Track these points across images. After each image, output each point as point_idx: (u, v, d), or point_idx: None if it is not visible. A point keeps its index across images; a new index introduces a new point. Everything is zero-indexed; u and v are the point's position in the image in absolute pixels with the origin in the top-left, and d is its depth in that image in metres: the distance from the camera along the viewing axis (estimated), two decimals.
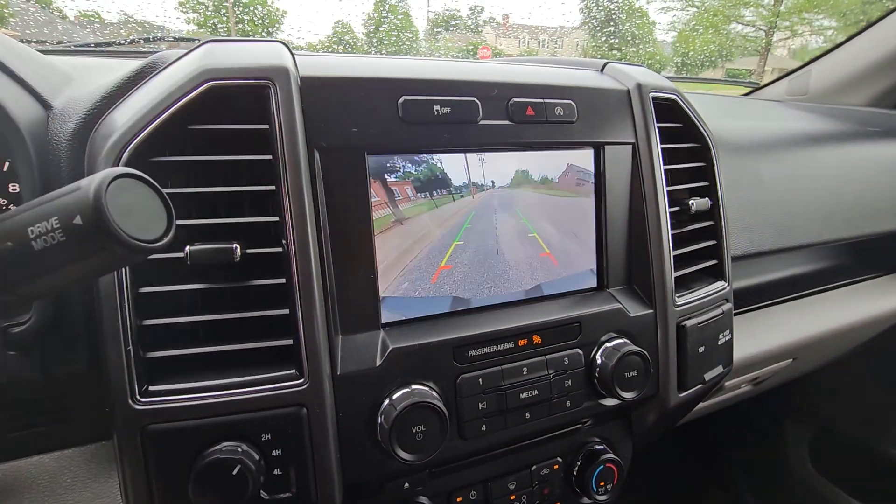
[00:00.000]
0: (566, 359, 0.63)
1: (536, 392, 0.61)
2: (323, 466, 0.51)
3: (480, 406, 0.58)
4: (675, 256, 0.73)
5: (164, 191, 0.37)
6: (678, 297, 0.72)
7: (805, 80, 1.62)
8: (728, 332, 0.78)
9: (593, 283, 0.71)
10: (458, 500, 0.65)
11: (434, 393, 0.55)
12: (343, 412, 0.53)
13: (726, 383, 1.00)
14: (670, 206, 0.72)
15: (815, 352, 1.11)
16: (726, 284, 0.79)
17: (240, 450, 0.47)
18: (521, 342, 0.61)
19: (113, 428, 0.48)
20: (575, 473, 0.72)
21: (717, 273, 0.79)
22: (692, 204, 0.74)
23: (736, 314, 1.01)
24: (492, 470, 0.67)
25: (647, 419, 0.76)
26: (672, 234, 0.72)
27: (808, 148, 1.06)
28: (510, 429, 0.61)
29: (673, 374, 0.71)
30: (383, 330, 0.57)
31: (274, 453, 0.50)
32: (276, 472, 0.50)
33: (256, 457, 0.48)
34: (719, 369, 0.77)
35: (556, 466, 0.71)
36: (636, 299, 0.71)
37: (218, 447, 0.47)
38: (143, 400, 0.47)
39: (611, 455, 0.72)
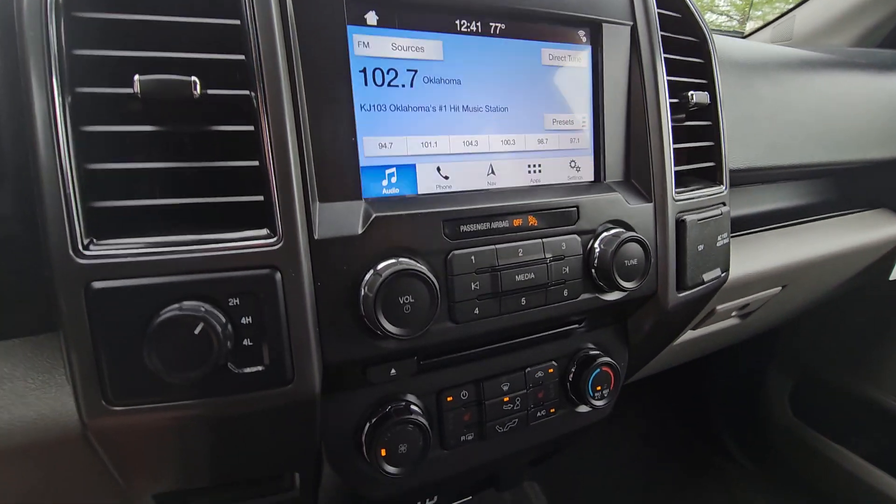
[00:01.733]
0: (563, 244, 0.59)
1: (533, 276, 0.57)
2: (299, 340, 0.46)
3: (473, 286, 0.54)
4: (674, 151, 0.69)
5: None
6: (677, 193, 0.68)
7: (789, 25, 1.61)
8: (725, 235, 0.75)
9: (590, 176, 0.67)
10: (449, 399, 0.61)
11: (424, 266, 0.50)
12: (322, 281, 0.47)
13: (718, 307, 0.98)
14: (670, 97, 0.68)
15: (804, 280, 1.10)
16: (724, 188, 0.76)
17: (203, 309, 0.41)
18: (516, 222, 0.57)
19: (52, 290, 0.41)
20: (570, 379, 0.69)
21: (714, 176, 0.76)
22: (692, 96, 0.70)
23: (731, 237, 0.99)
24: (484, 369, 0.63)
25: (643, 325, 0.73)
26: (672, 127, 0.68)
27: (801, 72, 1.04)
28: (504, 316, 0.56)
29: (672, 272, 0.68)
30: (366, 202, 0.52)
31: (243, 321, 0.44)
32: (245, 342, 0.44)
33: (223, 319, 0.42)
34: (717, 272, 0.74)
35: (552, 370, 0.68)
36: (634, 193, 0.67)
37: (176, 305, 0.41)
38: (87, 254, 0.41)
39: (607, 359, 0.69)
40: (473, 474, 0.68)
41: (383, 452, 0.54)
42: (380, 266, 0.49)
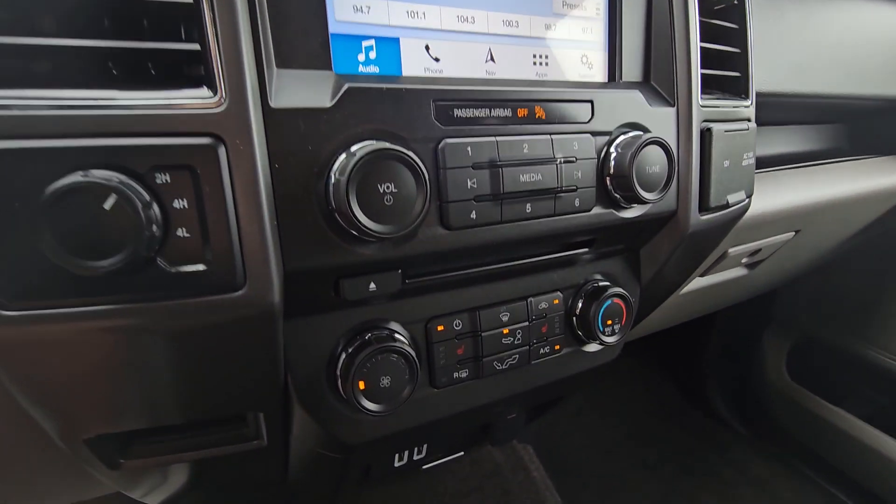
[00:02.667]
0: (576, 143, 0.50)
1: (540, 177, 0.47)
2: (251, 235, 0.36)
3: (469, 183, 0.44)
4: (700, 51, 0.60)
5: None
6: (702, 98, 0.59)
7: None
8: (751, 154, 0.66)
9: (603, 76, 0.57)
10: (439, 328, 0.52)
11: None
12: (280, 163, 0.37)
13: (730, 250, 0.90)
14: None
15: (818, 225, 1.03)
16: (750, 102, 0.67)
17: (117, 180, 0.31)
18: (521, 112, 0.47)
19: None
20: (577, 312, 0.60)
21: (739, 89, 0.67)
22: None
23: None
24: (480, 296, 0.54)
25: (658, 256, 0.64)
26: (700, 22, 0.59)
27: None
28: (506, 225, 0.47)
29: (694, 190, 0.59)
30: (338, 76, 0.42)
31: (177, 204, 0.34)
32: (180, 233, 0.35)
33: (147, 197, 0.32)
34: (741, 195, 0.65)
35: (556, 301, 0.59)
36: (655, 95, 0.57)
37: (80, 173, 0.31)
38: None
39: (619, 289, 0.60)
40: (467, 420, 0.60)
41: (361, 385, 0.45)
42: (354, 147, 0.39)
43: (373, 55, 0.45)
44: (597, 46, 0.56)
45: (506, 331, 0.55)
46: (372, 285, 0.44)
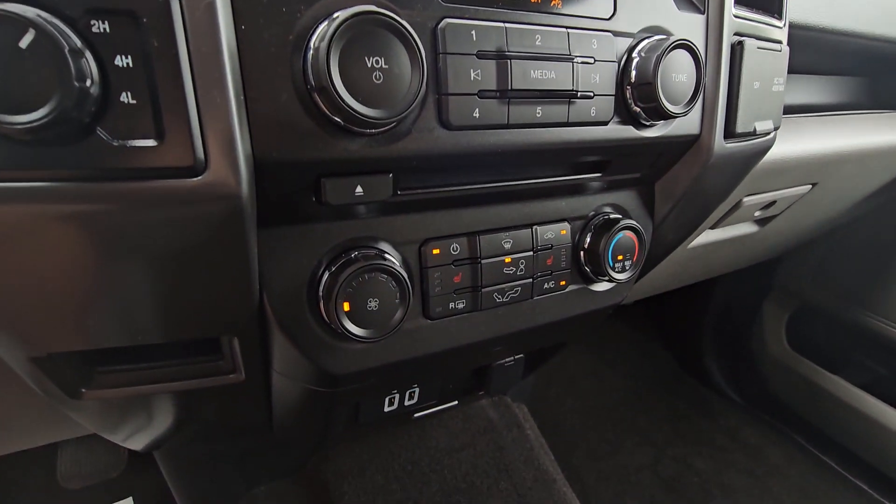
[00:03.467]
0: (594, 41, 0.43)
1: (554, 74, 0.41)
2: (213, 107, 0.30)
3: (473, 74, 0.38)
4: None
5: None
6: (735, 8, 0.53)
7: None
8: (782, 80, 0.60)
9: None
10: (435, 252, 0.47)
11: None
12: (248, 24, 0.31)
13: (744, 199, 0.85)
14: None
15: (835, 178, 0.98)
16: (783, 24, 0.61)
17: (34, 13, 0.25)
18: None
19: None
20: (586, 246, 0.55)
21: (772, 6, 0.60)
22: None
23: None
24: (481, 219, 0.49)
25: (676, 188, 0.59)
26: None
27: None
28: (513, 130, 0.41)
29: (721, 110, 0.53)
30: None
31: (119, 62, 0.28)
32: (124, 98, 0.28)
33: (77, 43, 0.26)
34: (769, 125, 0.59)
35: (564, 232, 0.54)
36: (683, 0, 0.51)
37: None
38: None
39: (631, 221, 0.55)
40: (462, 358, 0.55)
41: (346, 307, 0.40)
42: (337, 12, 0.32)
43: None
44: None
45: (508, 259, 0.50)
46: (359, 189, 0.38)
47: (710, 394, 1.81)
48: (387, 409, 0.65)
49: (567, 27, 0.42)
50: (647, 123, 0.49)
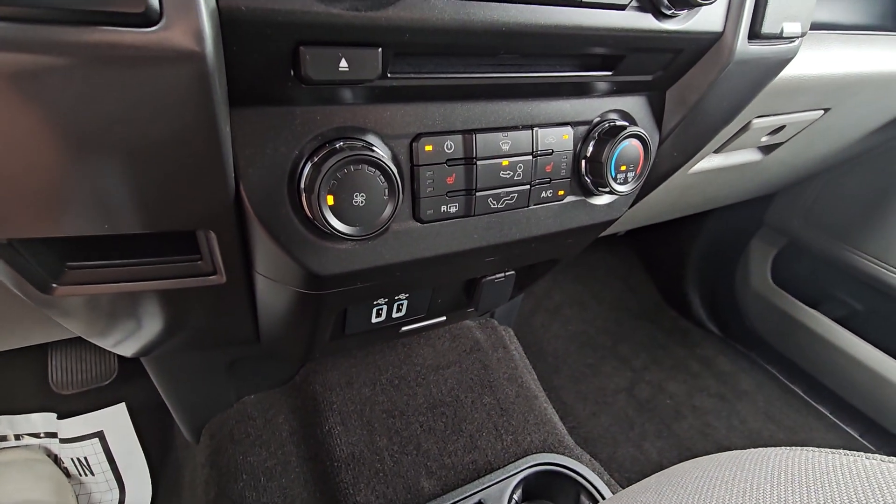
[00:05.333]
0: None
1: None
2: None
3: None
4: None
5: None
6: None
7: None
8: None
9: None
10: (427, 148, 0.43)
11: None
12: None
13: (754, 121, 0.81)
14: None
15: (852, 103, 0.93)
16: None
17: None
18: None
19: None
20: (588, 155, 0.52)
21: None
22: None
23: None
24: (478, 115, 0.45)
25: (690, 95, 0.55)
26: None
27: None
28: (521, 4, 0.36)
29: (749, 6, 0.48)
30: None
31: None
32: None
33: None
34: (797, 27, 0.54)
35: (566, 137, 0.50)
36: None
37: None
38: None
39: (637, 129, 0.51)
40: (453, 266, 0.53)
41: (330, 200, 0.37)
42: None
43: None
44: None
45: (505, 162, 0.47)
46: (343, 63, 0.34)
47: (689, 325, 1.86)
48: (374, 319, 0.64)
49: None
50: (669, 13, 0.44)
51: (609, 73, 0.49)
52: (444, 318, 0.75)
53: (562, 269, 1.93)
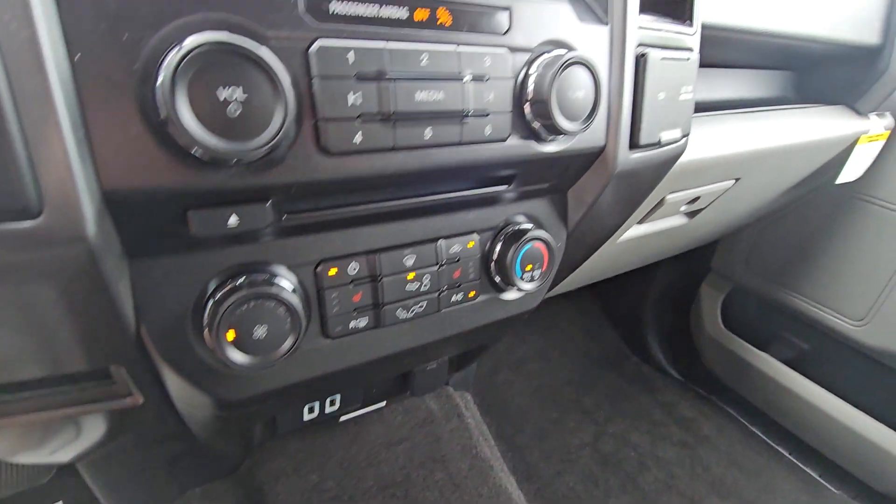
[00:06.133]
0: (488, 58, 0.43)
1: (442, 95, 0.40)
2: (42, 140, 0.28)
3: (352, 98, 0.37)
4: None
5: None
6: (641, 17, 0.53)
7: None
8: (690, 88, 0.61)
9: None
10: (332, 273, 0.46)
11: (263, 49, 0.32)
12: (85, 52, 0.29)
13: (668, 197, 0.87)
14: None
15: (758, 173, 1.02)
16: (694, 29, 0.61)
17: None
18: (421, 14, 0.39)
19: None
20: (495, 257, 0.55)
21: (682, 13, 0.61)
22: None
23: None
24: (381, 236, 0.48)
25: (586, 197, 0.60)
26: None
27: None
28: (401, 153, 0.40)
29: (625, 123, 0.54)
30: None
31: None
32: None
33: None
34: (676, 133, 0.61)
35: (472, 244, 0.54)
36: (587, 11, 0.50)
37: None
38: None
39: (540, 232, 0.55)
40: (372, 373, 0.55)
41: (231, 336, 0.39)
42: (189, 39, 0.30)
43: None
44: None
45: (411, 276, 0.50)
46: (233, 219, 0.37)
47: (651, 371, 1.90)
48: (307, 416, 0.65)
49: (458, 43, 0.41)
50: (549, 139, 0.49)
51: (506, 186, 0.53)
52: (383, 402, 0.76)
53: (524, 322, 1.96)
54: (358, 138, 0.38)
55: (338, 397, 0.66)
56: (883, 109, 1.21)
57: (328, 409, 0.66)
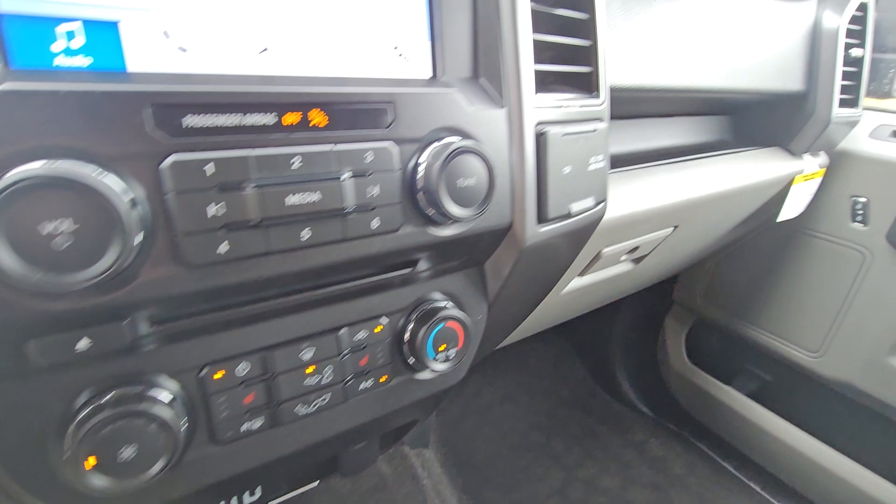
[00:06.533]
0: (370, 154, 0.42)
1: (318, 196, 0.39)
2: None
3: (213, 210, 0.35)
4: (535, 44, 0.54)
5: None
6: (538, 98, 0.53)
7: None
8: (602, 157, 0.62)
9: (426, 71, 0.50)
10: (217, 376, 0.43)
11: (98, 174, 0.31)
12: None
13: (604, 250, 0.88)
14: None
15: (696, 220, 1.03)
16: (602, 101, 0.62)
17: None
18: (291, 118, 0.38)
19: None
20: (406, 339, 0.54)
21: (589, 85, 0.62)
22: None
23: (615, 172, 0.88)
24: (274, 332, 0.46)
25: (502, 270, 0.59)
26: (534, 10, 0.52)
27: None
28: (276, 255, 0.39)
29: (530, 199, 0.54)
30: (15, 73, 0.31)
31: None
32: None
33: None
34: (589, 202, 0.61)
35: (380, 329, 0.52)
36: (482, 95, 0.51)
37: None
38: None
39: (453, 311, 0.54)
40: (279, 468, 0.52)
41: (90, 462, 0.36)
42: (12, 172, 0.29)
43: (78, 43, 0.34)
44: (414, 35, 0.48)
45: (310, 369, 0.48)
46: (83, 343, 0.34)
47: (622, 408, 1.88)
48: None
49: (334, 142, 0.40)
50: (446, 223, 0.48)
51: (410, 270, 0.52)
52: (315, 482, 0.72)
53: (492, 363, 1.93)
54: (223, 248, 0.36)
55: (258, 487, 0.62)
56: (816, 148, 1.26)
57: (248, 501, 0.62)
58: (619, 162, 0.93)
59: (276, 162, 0.37)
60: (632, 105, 0.95)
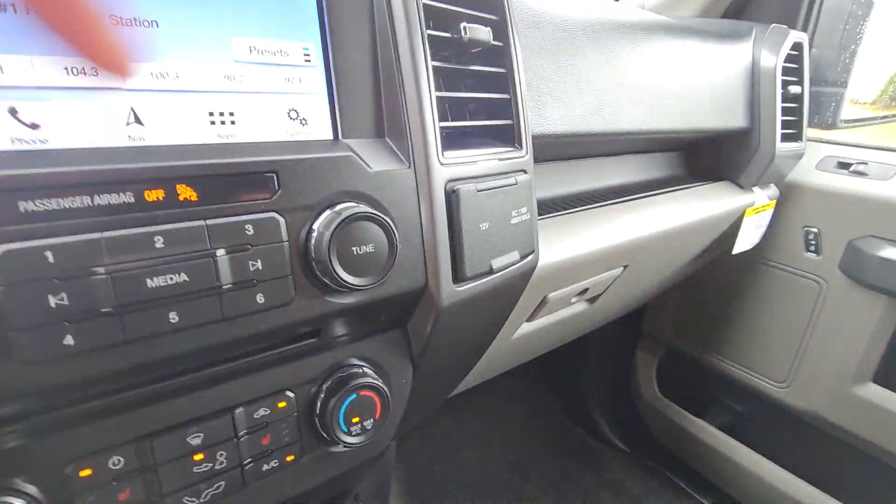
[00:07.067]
0: (249, 227, 0.39)
1: (185, 277, 0.36)
2: None
3: (53, 301, 0.32)
4: (445, 100, 0.53)
5: None
6: (446, 155, 0.52)
7: None
8: (526, 209, 0.60)
9: (325, 133, 0.48)
10: (84, 474, 0.39)
11: None
12: None
13: (549, 295, 0.86)
14: (434, 28, 0.51)
15: (646, 259, 1.02)
16: (524, 153, 0.61)
17: None
18: (153, 194, 0.36)
19: None
20: (318, 412, 0.50)
21: (510, 138, 0.61)
22: (465, 30, 0.54)
23: (559, 215, 0.87)
24: (157, 417, 0.42)
25: (423, 330, 0.56)
26: (436, 67, 0.51)
27: (631, 35, 0.93)
28: (137, 344, 0.36)
29: (445, 259, 0.51)
30: None
31: None
32: None
33: None
34: (514, 256, 0.59)
35: (283, 404, 0.48)
36: (387, 155, 0.49)
37: None
38: None
39: (368, 380, 0.51)
40: None
41: None
42: None
43: None
44: (311, 97, 0.47)
45: (199, 456, 0.43)
46: None
47: (598, 445, 1.83)
48: None
49: (206, 218, 0.38)
50: (346, 291, 0.45)
51: (315, 339, 0.49)
52: None
53: (462, 403, 1.87)
54: (68, 340, 0.33)
55: None
56: (765, 181, 1.27)
57: None
58: (564, 204, 0.92)
59: (133, 243, 0.35)
60: (578, 146, 0.95)
